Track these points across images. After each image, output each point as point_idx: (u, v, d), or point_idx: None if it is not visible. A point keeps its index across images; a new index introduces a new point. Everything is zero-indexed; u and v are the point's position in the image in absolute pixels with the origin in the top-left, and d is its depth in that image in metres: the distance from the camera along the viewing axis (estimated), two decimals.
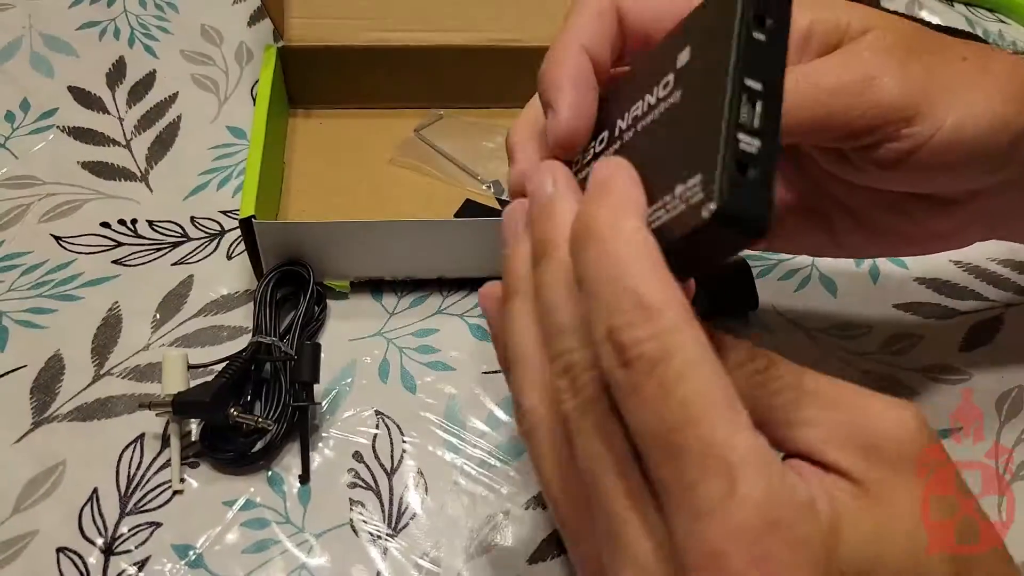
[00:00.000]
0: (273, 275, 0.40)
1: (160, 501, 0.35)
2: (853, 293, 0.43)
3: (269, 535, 0.34)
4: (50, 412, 0.37)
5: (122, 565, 0.33)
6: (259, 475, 0.36)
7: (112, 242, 0.43)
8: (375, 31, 0.47)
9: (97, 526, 0.34)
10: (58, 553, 0.33)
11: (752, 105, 0.20)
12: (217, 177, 0.46)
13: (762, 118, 0.20)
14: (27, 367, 0.38)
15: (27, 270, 0.42)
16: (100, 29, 0.53)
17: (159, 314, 0.41)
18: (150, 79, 0.51)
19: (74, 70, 0.51)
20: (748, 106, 0.20)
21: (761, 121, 0.20)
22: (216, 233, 0.44)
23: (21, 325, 0.40)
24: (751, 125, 0.20)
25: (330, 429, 0.37)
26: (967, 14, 0.59)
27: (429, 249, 0.40)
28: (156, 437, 0.37)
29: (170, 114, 0.49)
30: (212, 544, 0.34)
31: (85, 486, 0.35)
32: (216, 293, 0.42)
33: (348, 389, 0.39)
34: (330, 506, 0.35)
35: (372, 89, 0.49)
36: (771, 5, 0.21)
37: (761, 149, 0.20)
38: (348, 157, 0.47)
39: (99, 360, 0.39)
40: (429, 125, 0.49)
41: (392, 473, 0.36)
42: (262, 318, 0.39)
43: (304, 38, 0.46)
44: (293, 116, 0.49)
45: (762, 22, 0.21)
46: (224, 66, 0.52)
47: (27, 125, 0.48)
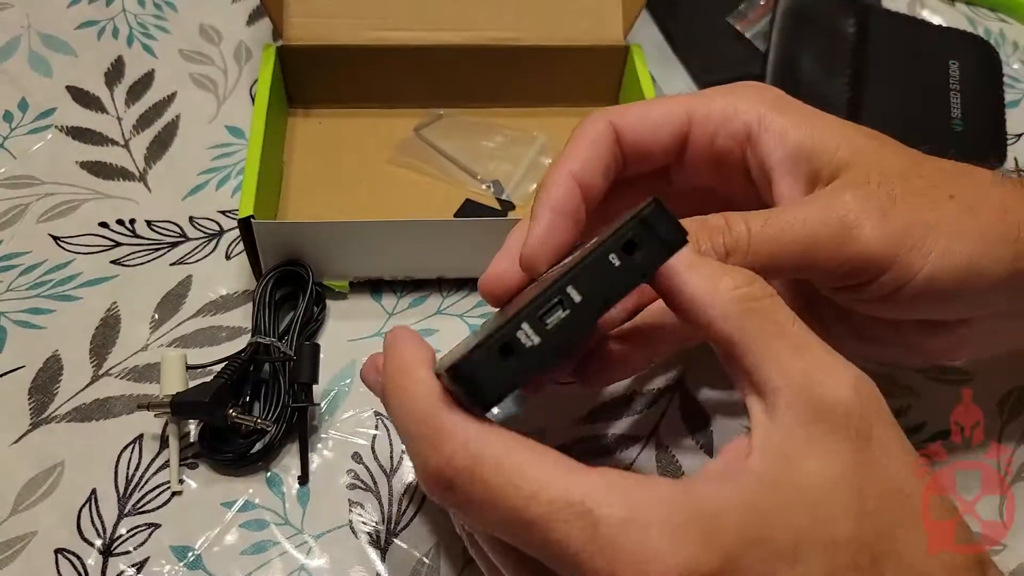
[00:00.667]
0: (272, 275, 0.40)
1: (159, 502, 0.35)
2: None
3: (268, 536, 0.34)
4: (48, 413, 0.37)
5: (121, 566, 0.33)
6: (258, 476, 0.36)
7: (111, 242, 0.43)
8: (374, 30, 0.47)
9: (96, 527, 0.34)
10: (56, 554, 0.33)
11: (561, 310, 0.22)
12: (216, 177, 0.46)
13: (558, 326, 0.22)
14: (25, 367, 0.38)
15: (25, 270, 0.42)
16: (99, 28, 0.53)
17: (158, 314, 0.41)
18: (149, 78, 0.50)
19: (73, 70, 0.51)
20: (557, 309, 0.22)
21: (555, 327, 0.22)
22: (215, 233, 0.44)
23: (19, 325, 0.40)
24: (542, 324, 0.22)
25: (329, 430, 0.37)
26: (968, 13, 0.59)
27: (429, 249, 0.40)
28: (155, 438, 0.37)
29: (169, 113, 0.49)
30: (211, 545, 0.34)
31: (84, 487, 0.35)
32: (215, 293, 0.42)
33: (347, 390, 0.39)
34: (329, 507, 0.35)
35: (371, 88, 0.48)
36: (648, 245, 0.22)
37: (535, 348, 0.21)
38: (347, 157, 0.47)
39: (97, 360, 0.39)
40: (429, 125, 0.49)
41: (391, 474, 0.36)
42: (261, 318, 0.38)
43: (303, 37, 0.46)
44: (292, 116, 0.49)
45: (631, 250, 0.22)
46: (223, 65, 0.52)
47: (25, 125, 0.48)
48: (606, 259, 0.22)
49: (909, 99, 0.52)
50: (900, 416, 0.38)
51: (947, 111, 0.52)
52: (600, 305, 0.22)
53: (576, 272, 0.22)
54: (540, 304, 0.22)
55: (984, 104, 0.53)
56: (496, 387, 0.21)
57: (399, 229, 0.39)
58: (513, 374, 0.21)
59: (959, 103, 0.52)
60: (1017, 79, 0.55)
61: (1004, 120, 0.52)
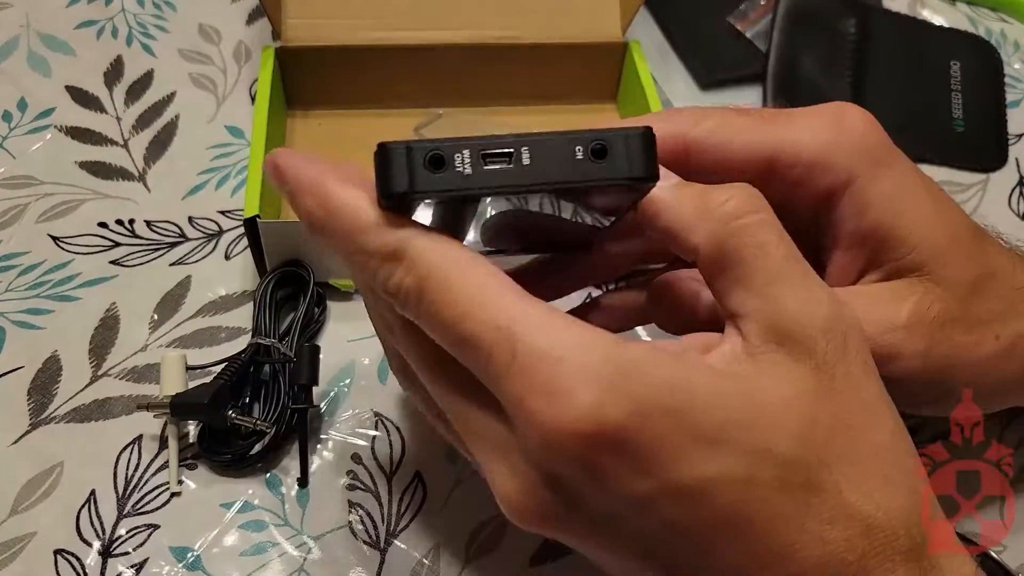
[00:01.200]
0: (273, 276, 0.40)
1: (158, 503, 0.35)
2: None
3: (267, 537, 0.34)
4: (48, 413, 0.37)
5: (120, 567, 0.33)
6: (257, 477, 0.36)
7: (110, 242, 0.43)
8: (373, 30, 0.47)
9: (95, 528, 0.34)
10: (56, 555, 0.33)
11: (506, 162, 0.21)
12: (215, 177, 0.46)
13: (494, 172, 0.21)
14: (24, 368, 0.38)
15: (24, 270, 0.42)
16: (98, 28, 0.53)
17: (157, 315, 0.41)
18: (148, 78, 0.50)
19: (72, 69, 0.50)
20: (503, 159, 0.21)
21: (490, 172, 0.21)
22: (214, 233, 0.44)
23: (18, 326, 0.40)
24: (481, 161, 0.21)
25: (329, 431, 0.37)
26: (969, 13, 0.59)
27: None
28: (154, 439, 0.37)
29: (168, 113, 0.49)
30: (210, 546, 0.34)
31: (83, 488, 0.35)
32: (214, 294, 0.41)
33: (347, 391, 0.39)
34: (329, 508, 0.35)
35: (370, 89, 0.48)
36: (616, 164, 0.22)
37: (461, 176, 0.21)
38: (347, 157, 0.47)
39: (97, 361, 0.39)
40: (429, 124, 0.49)
41: (391, 475, 0.36)
42: (261, 319, 0.38)
43: (301, 38, 0.46)
44: (292, 117, 0.49)
45: (598, 155, 0.22)
46: (222, 65, 0.52)
47: (24, 125, 0.48)
48: (572, 147, 0.22)
49: (910, 99, 0.52)
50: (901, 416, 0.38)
51: (948, 111, 0.52)
52: (541, 182, 0.22)
53: (539, 138, 0.22)
54: (491, 144, 0.21)
55: (985, 104, 0.53)
56: (402, 183, 0.21)
57: None
58: (426, 184, 0.21)
59: (960, 103, 0.52)
60: (1018, 79, 0.55)
61: (1005, 120, 0.52)
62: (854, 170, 0.27)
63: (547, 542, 0.34)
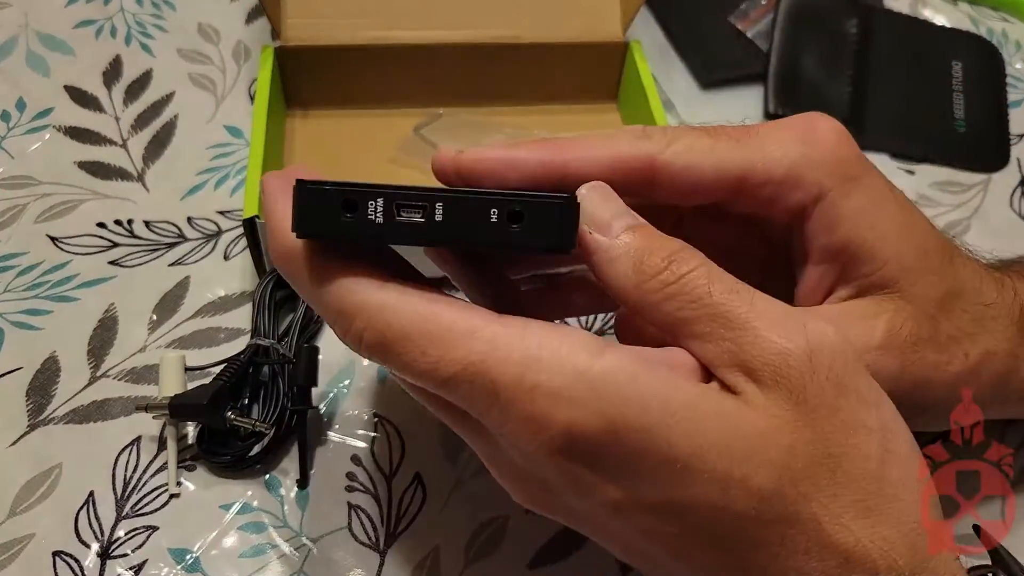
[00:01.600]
0: (272, 276, 0.40)
1: (157, 504, 0.35)
2: None
3: (266, 539, 0.34)
4: (46, 414, 0.37)
5: (118, 569, 0.33)
6: (256, 479, 0.36)
7: (108, 243, 0.43)
8: (373, 30, 0.47)
9: (93, 529, 0.34)
10: (54, 557, 0.33)
11: (418, 214, 0.22)
12: (214, 177, 0.46)
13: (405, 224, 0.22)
14: (23, 369, 0.38)
15: (23, 271, 0.42)
16: (96, 28, 0.53)
17: (156, 315, 0.40)
18: (147, 78, 0.50)
19: (70, 69, 0.50)
20: (417, 211, 0.22)
21: (401, 224, 0.22)
22: (213, 233, 0.44)
23: (17, 327, 0.40)
24: (393, 211, 0.22)
25: (328, 432, 0.37)
26: (971, 13, 0.58)
27: None
28: (153, 440, 0.36)
29: (167, 113, 0.49)
30: (209, 548, 0.34)
31: (81, 489, 0.35)
32: (213, 294, 0.41)
33: (346, 392, 0.38)
34: (328, 510, 0.35)
35: (371, 89, 0.48)
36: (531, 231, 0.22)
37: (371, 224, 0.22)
38: (347, 157, 0.47)
39: (95, 362, 0.39)
40: (429, 124, 0.49)
41: (391, 477, 0.36)
42: (261, 320, 0.38)
43: (301, 38, 0.46)
44: (291, 116, 0.48)
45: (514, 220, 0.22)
46: (221, 65, 0.51)
47: (23, 125, 0.48)
48: (487, 208, 0.22)
49: (911, 100, 0.52)
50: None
51: (950, 112, 0.52)
52: (453, 239, 0.22)
53: (455, 196, 0.22)
54: (406, 194, 0.22)
55: (987, 105, 0.53)
56: (313, 225, 0.22)
57: None
58: (336, 227, 0.21)
59: (962, 104, 0.52)
60: (1020, 79, 0.55)
61: (1007, 120, 0.52)
62: (824, 185, 0.27)
63: (548, 545, 0.34)
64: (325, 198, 0.21)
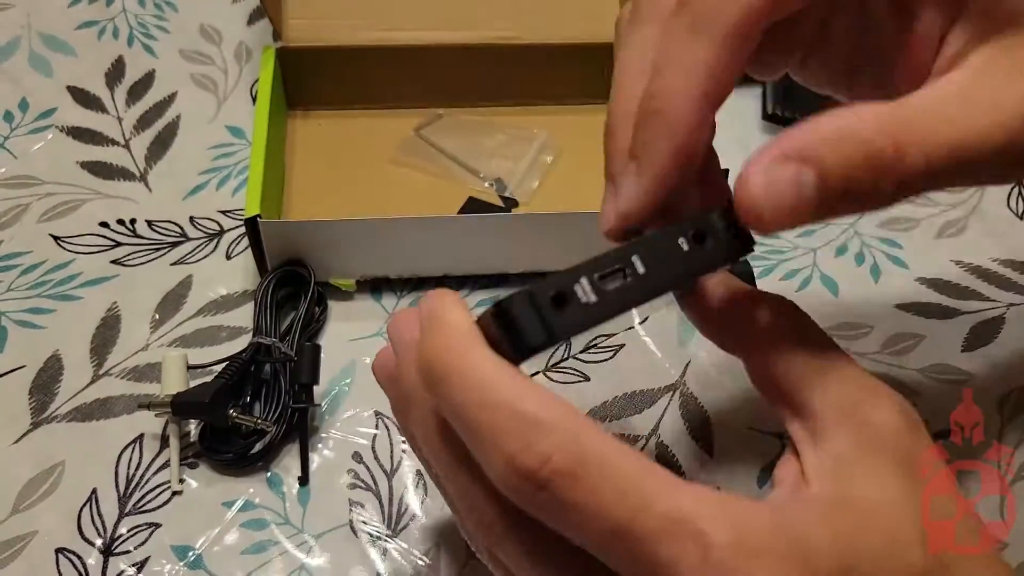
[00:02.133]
0: (274, 276, 0.40)
1: (159, 502, 0.35)
2: (854, 293, 0.43)
3: (268, 536, 0.34)
4: (49, 412, 0.37)
5: (121, 566, 0.33)
6: (258, 476, 0.36)
7: (111, 242, 0.43)
8: (373, 31, 0.47)
9: (96, 527, 0.34)
10: (57, 554, 0.33)
11: (622, 278, 0.21)
12: (216, 177, 0.46)
13: (616, 290, 0.21)
14: (26, 367, 0.38)
15: (26, 270, 0.42)
16: (99, 28, 0.53)
17: (158, 314, 0.41)
18: (149, 79, 0.50)
19: (73, 70, 0.50)
20: (618, 275, 0.21)
21: (613, 291, 0.21)
22: (215, 233, 0.44)
23: (20, 325, 0.40)
24: (601, 285, 0.21)
25: (330, 430, 0.37)
26: None
27: (435, 246, 0.40)
28: (155, 438, 0.37)
29: (169, 113, 0.49)
30: (211, 545, 0.34)
31: (84, 486, 0.35)
32: (215, 293, 0.42)
33: (348, 389, 0.39)
34: (329, 507, 0.35)
35: (371, 89, 0.48)
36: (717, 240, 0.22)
37: (588, 305, 0.21)
38: (348, 158, 0.47)
39: (98, 360, 0.39)
40: (429, 124, 0.49)
41: (392, 474, 0.36)
42: (262, 319, 0.38)
43: (302, 39, 0.46)
44: (292, 117, 0.49)
45: (701, 239, 0.22)
46: (223, 65, 0.52)
47: (26, 125, 0.48)
48: (675, 241, 0.22)
49: None
50: None
51: None
52: (664, 284, 0.22)
53: (644, 244, 0.22)
54: (603, 265, 0.21)
55: None
56: (534, 336, 0.20)
57: (407, 226, 0.39)
58: (560, 326, 0.20)
59: None
60: None
61: None
62: None
63: None
64: (536, 302, 0.20)
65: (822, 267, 0.44)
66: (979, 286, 0.44)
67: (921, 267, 0.44)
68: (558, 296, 0.20)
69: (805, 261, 0.45)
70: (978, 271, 0.44)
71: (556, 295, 0.20)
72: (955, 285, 0.44)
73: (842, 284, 0.44)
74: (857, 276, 0.44)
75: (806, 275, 0.44)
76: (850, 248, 0.45)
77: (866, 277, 0.44)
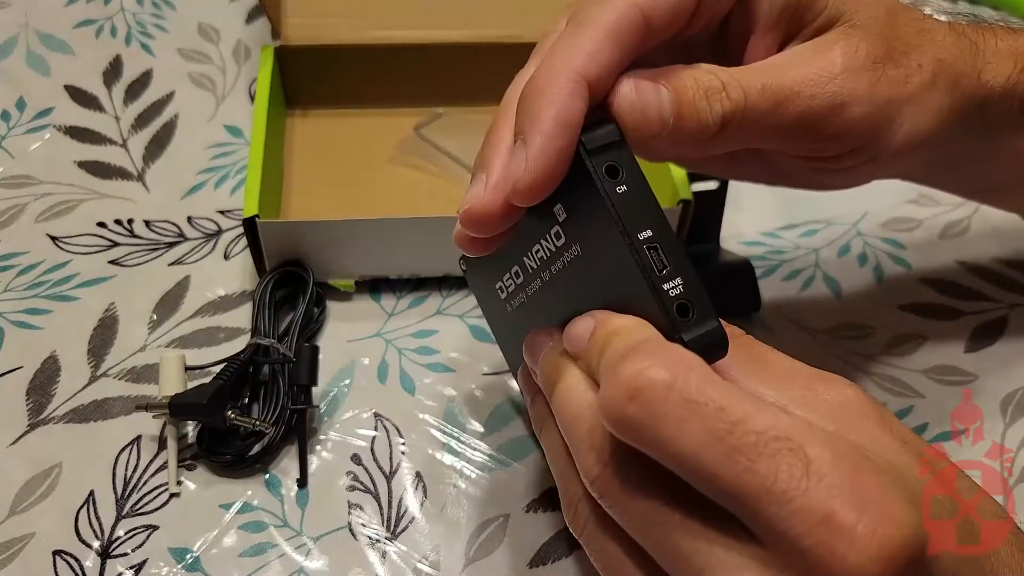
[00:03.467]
0: (272, 276, 0.40)
1: (157, 504, 0.35)
2: (857, 294, 0.43)
3: (267, 538, 0.34)
4: (46, 414, 0.37)
5: (118, 568, 0.33)
6: (256, 478, 0.35)
7: (108, 242, 0.43)
8: (373, 30, 0.47)
9: (93, 529, 0.34)
10: (54, 556, 0.33)
11: (656, 251, 0.22)
12: (214, 176, 0.46)
13: (668, 255, 0.22)
14: (23, 368, 0.38)
15: (23, 270, 0.42)
16: (97, 27, 0.53)
17: (156, 315, 0.40)
18: (147, 77, 0.50)
19: (70, 69, 0.50)
20: (653, 253, 0.22)
21: (669, 259, 0.22)
22: (213, 233, 0.44)
23: (17, 326, 0.40)
24: (663, 269, 0.22)
25: (328, 431, 0.37)
26: (971, 12, 0.58)
27: (436, 246, 0.40)
28: (153, 439, 0.36)
29: (167, 113, 0.49)
30: (209, 547, 0.34)
31: (81, 488, 0.35)
32: (213, 294, 0.41)
33: (346, 391, 0.38)
34: (328, 509, 0.35)
35: (371, 88, 0.48)
36: (616, 158, 0.23)
37: (684, 283, 0.22)
38: (347, 157, 0.47)
39: (95, 361, 0.39)
40: (429, 124, 0.49)
41: (391, 476, 0.36)
42: (261, 320, 0.38)
43: (301, 37, 0.46)
44: (291, 116, 0.48)
45: (615, 174, 0.23)
46: (221, 64, 0.51)
47: (23, 124, 0.48)
48: (619, 194, 0.22)
49: None
50: (902, 417, 0.38)
51: None
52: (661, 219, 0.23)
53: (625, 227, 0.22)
54: (645, 272, 0.22)
55: None
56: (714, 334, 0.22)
57: (406, 226, 0.39)
58: (705, 314, 0.22)
59: None
60: None
61: None
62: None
63: (547, 544, 0.34)
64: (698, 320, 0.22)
65: (824, 267, 0.44)
66: (982, 287, 0.44)
67: (924, 267, 0.44)
68: (680, 307, 0.22)
69: (807, 261, 0.44)
70: (982, 271, 0.44)
71: (679, 307, 0.22)
72: (958, 285, 0.44)
73: (844, 285, 0.43)
74: (860, 276, 0.44)
75: (808, 275, 0.44)
76: (853, 248, 0.45)
77: (869, 277, 0.44)
